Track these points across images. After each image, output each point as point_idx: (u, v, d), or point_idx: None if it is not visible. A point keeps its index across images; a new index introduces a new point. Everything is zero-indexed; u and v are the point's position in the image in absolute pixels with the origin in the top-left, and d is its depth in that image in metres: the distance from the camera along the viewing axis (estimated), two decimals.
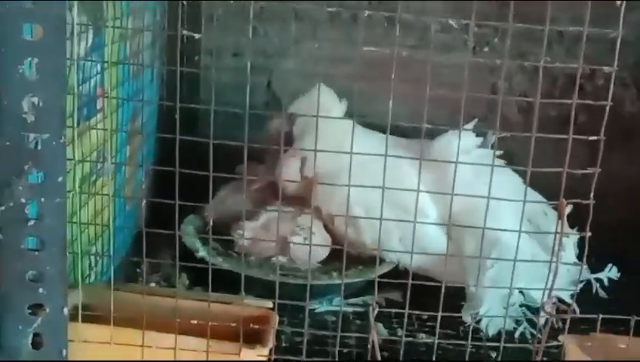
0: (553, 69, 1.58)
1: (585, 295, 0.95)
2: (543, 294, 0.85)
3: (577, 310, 0.97)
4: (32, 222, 0.77)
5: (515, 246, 1.07)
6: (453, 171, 1.24)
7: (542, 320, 0.88)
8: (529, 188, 1.30)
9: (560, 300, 0.99)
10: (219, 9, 1.59)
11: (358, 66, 1.54)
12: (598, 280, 1.28)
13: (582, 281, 1.18)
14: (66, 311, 0.81)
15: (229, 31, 1.62)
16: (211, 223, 0.96)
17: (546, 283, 0.81)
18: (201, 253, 1.32)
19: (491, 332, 1.22)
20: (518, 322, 1.24)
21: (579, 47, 0.90)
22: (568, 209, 1.27)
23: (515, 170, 1.05)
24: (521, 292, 1.27)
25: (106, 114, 1.09)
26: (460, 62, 1.45)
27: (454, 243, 1.32)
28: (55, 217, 0.78)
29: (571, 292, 1.03)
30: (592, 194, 0.75)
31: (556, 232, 0.79)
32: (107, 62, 1.04)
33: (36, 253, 0.78)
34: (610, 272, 1.29)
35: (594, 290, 1.28)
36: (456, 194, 0.86)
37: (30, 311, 0.79)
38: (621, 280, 1.29)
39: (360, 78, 1.44)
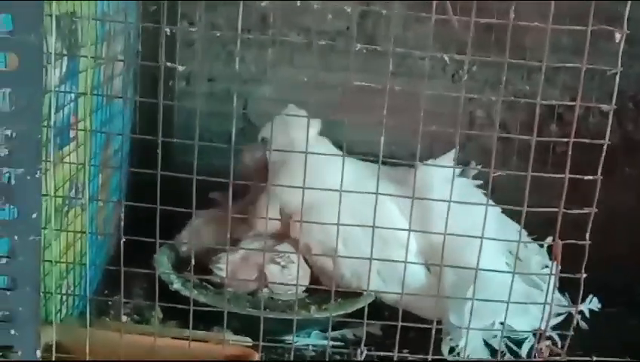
0: (533, 97, 1.57)
1: (565, 327, 0.93)
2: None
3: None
4: (3, 261, 0.74)
5: (494, 277, 1.05)
6: (434, 202, 1.23)
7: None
8: (509, 221, 1.30)
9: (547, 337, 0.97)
10: (194, 35, 1.56)
11: (337, 94, 1.53)
12: (580, 311, 1.26)
13: (562, 314, 1.17)
14: (38, 353, 0.77)
15: (204, 56, 1.59)
16: (193, 260, 0.91)
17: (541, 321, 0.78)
18: (176, 285, 1.28)
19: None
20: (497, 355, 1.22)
21: (558, 77, 0.89)
22: (549, 240, 1.27)
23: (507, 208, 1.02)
24: (501, 323, 1.25)
25: (79, 143, 1.05)
26: (442, 92, 1.46)
27: (434, 276, 1.30)
28: (28, 255, 0.74)
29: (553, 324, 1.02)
30: (587, 235, 0.73)
31: (550, 274, 0.76)
32: (84, 93, 1.01)
33: (7, 292, 0.75)
34: (591, 303, 1.27)
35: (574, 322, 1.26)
36: (448, 234, 0.83)
37: (1, 353, 0.76)
38: (602, 311, 1.28)
39: (339, 107, 1.42)
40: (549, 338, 0.97)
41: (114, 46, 1.27)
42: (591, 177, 0.75)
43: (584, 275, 0.76)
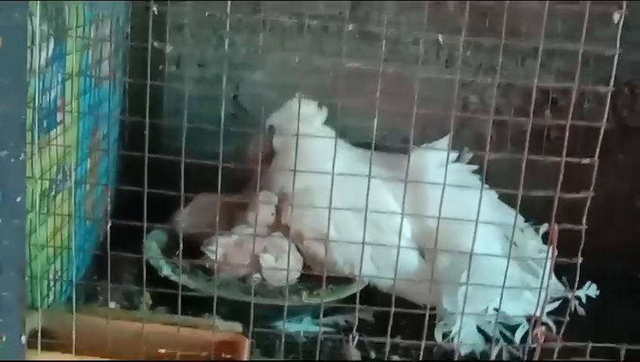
0: (527, 83, 1.56)
1: (562, 313, 0.91)
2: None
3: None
4: None
5: (489, 262, 1.04)
6: (427, 187, 1.22)
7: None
8: (505, 206, 1.29)
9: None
10: (184, 18, 1.54)
11: (329, 78, 1.51)
12: (577, 297, 1.25)
13: (559, 299, 1.15)
14: (24, 339, 0.75)
15: (194, 40, 1.57)
16: (181, 243, 0.90)
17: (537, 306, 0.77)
18: (165, 271, 1.26)
19: (464, 351, 1.18)
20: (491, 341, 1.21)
21: (552, 62, 0.88)
22: (544, 228, 1.26)
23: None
24: (495, 309, 1.24)
25: (67, 126, 1.03)
26: (433, 76, 1.44)
27: (427, 261, 1.29)
28: (13, 240, 0.72)
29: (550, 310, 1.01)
30: (584, 219, 0.72)
31: (547, 258, 0.75)
32: (71, 74, 0.99)
33: None
34: (589, 290, 1.26)
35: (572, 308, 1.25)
36: (442, 218, 0.82)
37: None
38: (599, 298, 1.27)
39: (331, 91, 1.41)
40: (545, 324, 0.95)
41: (102, 28, 1.25)
42: (587, 160, 0.73)
43: (580, 260, 0.74)
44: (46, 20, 0.94)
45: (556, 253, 0.79)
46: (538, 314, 0.79)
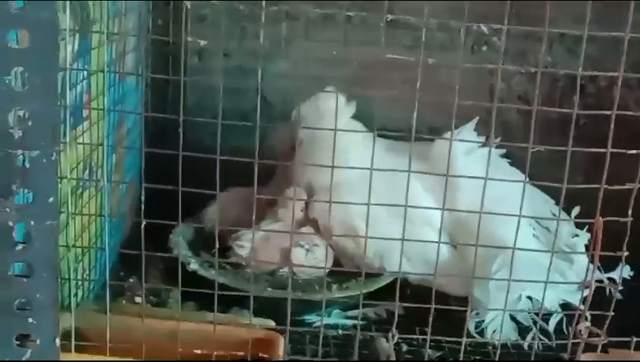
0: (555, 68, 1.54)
1: (596, 296, 0.89)
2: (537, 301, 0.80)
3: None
4: (19, 247, 0.71)
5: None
6: (458, 172, 1.20)
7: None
8: (537, 191, 1.26)
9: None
10: (207, 9, 1.52)
11: (354, 69, 1.49)
12: (611, 280, 1.22)
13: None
14: (57, 341, 0.74)
15: (218, 31, 1.55)
16: (215, 234, 0.88)
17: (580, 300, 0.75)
18: (193, 265, 1.25)
19: (497, 341, 1.16)
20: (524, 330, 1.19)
21: (580, 47, 0.86)
22: (576, 211, 1.23)
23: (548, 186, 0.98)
24: (529, 298, 1.23)
25: (93, 122, 1.02)
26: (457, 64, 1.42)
27: (459, 251, 1.28)
28: (45, 241, 0.71)
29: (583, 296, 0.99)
30: (629, 211, 0.70)
31: (592, 251, 0.73)
32: (100, 71, 0.97)
33: (24, 279, 0.72)
34: (623, 271, 1.23)
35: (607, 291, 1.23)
36: (483, 213, 0.80)
37: (18, 342, 0.73)
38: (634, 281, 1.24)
39: (356, 81, 1.38)
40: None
41: (126, 22, 1.23)
42: (634, 151, 0.71)
43: (626, 253, 0.72)
44: (72, 15, 0.93)
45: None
46: (581, 308, 0.76)
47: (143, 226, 0.78)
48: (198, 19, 1.53)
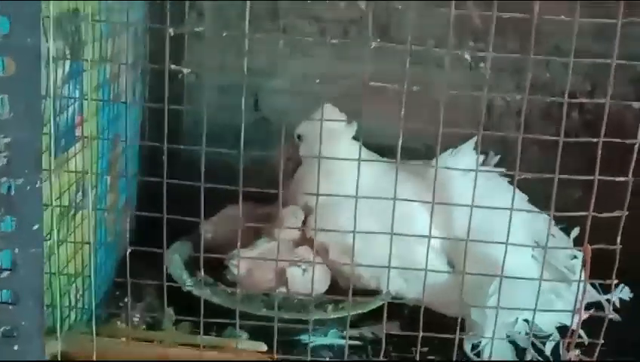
0: (552, 85, 1.53)
1: (595, 319, 0.88)
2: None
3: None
4: (4, 274, 0.71)
5: (519, 270, 1.02)
6: (455, 193, 1.19)
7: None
8: (536, 209, 1.25)
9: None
10: (203, 26, 1.52)
11: (350, 85, 1.49)
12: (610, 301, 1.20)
13: (592, 305, 1.12)
14: None
15: (213, 46, 1.55)
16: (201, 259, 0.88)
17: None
18: (189, 286, 1.24)
19: None
20: (521, 352, 1.18)
21: (576, 62, 0.85)
22: (575, 232, 1.22)
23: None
24: (525, 320, 1.22)
25: (86, 144, 1.02)
26: (460, 82, 1.41)
27: (456, 272, 1.27)
28: (30, 268, 0.71)
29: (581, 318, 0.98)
30: (618, 239, 0.69)
31: (580, 280, 0.72)
32: (85, 98, 0.97)
33: (10, 307, 0.71)
34: (622, 293, 1.22)
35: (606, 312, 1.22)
36: (471, 240, 0.79)
37: None
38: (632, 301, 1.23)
39: (353, 98, 1.38)
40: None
41: (119, 42, 1.23)
42: (622, 178, 0.70)
43: (615, 281, 0.72)
44: (62, 37, 0.93)
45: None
46: (571, 336, 0.75)
47: (128, 254, 0.77)
48: (195, 37, 1.52)
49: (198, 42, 1.54)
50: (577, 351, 0.77)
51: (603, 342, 0.81)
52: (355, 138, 1.33)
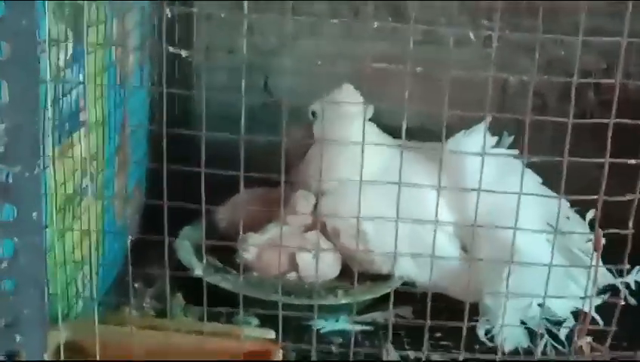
0: (569, 63, 1.50)
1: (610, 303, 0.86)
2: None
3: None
4: (4, 263, 0.69)
5: (534, 253, 1.00)
6: (468, 174, 1.17)
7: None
8: (550, 192, 1.23)
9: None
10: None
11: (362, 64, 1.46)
12: (626, 284, 1.18)
13: (607, 289, 1.09)
14: (46, 356, 0.73)
15: (223, 27, 1.53)
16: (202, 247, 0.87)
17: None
18: (197, 271, 1.23)
19: (508, 348, 1.14)
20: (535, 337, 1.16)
21: (589, 40, 0.83)
22: (590, 215, 1.20)
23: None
24: (539, 304, 1.19)
25: (90, 128, 1.00)
26: (472, 60, 1.38)
27: (469, 253, 1.25)
28: (30, 257, 0.70)
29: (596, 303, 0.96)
30: (630, 223, 0.66)
31: (590, 266, 0.70)
32: (82, 82, 0.95)
33: (10, 296, 0.70)
34: (638, 275, 1.19)
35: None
36: (478, 226, 0.77)
37: (6, 359, 0.71)
38: None
39: (364, 77, 1.36)
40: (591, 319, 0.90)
41: (126, 22, 1.21)
42: (633, 161, 0.68)
43: (627, 266, 0.69)
44: (62, 20, 0.91)
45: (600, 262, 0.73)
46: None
47: (128, 242, 0.76)
48: (203, 16, 1.50)
49: (207, 23, 1.52)
50: (589, 338, 0.75)
51: (618, 327, 0.79)
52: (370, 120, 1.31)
